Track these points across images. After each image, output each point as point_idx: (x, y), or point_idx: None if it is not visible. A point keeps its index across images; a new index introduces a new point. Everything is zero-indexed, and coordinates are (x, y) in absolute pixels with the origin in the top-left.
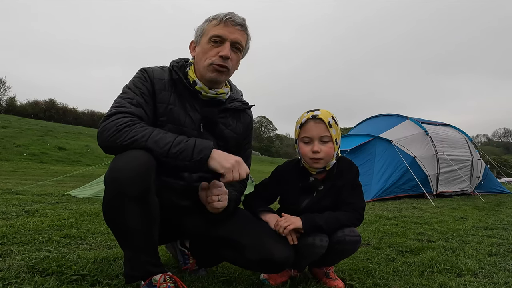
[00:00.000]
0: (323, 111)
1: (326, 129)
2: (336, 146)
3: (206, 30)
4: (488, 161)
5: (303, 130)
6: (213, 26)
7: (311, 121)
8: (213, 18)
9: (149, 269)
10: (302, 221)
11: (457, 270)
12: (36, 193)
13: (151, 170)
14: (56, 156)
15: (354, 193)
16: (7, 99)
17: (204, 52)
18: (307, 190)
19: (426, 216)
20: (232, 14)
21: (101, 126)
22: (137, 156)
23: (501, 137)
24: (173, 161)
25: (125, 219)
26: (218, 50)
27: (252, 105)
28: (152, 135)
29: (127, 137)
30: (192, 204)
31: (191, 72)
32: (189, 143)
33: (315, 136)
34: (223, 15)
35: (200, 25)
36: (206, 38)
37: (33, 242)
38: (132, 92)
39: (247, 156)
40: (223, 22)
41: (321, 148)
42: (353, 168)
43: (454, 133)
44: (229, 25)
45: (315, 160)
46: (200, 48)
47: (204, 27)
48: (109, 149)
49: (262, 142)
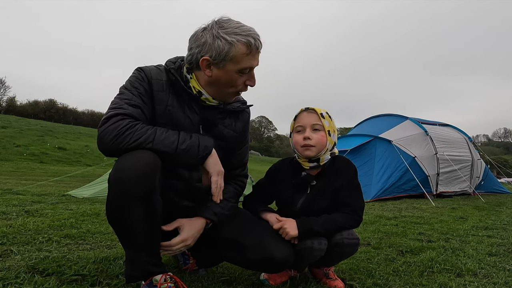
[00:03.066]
0: (317, 107)
1: (318, 118)
2: (329, 137)
3: (236, 58)
4: (488, 161)
5: (296, 121)
6: (244, 55)
7: (304, 112)
8: (240, 42)
9: (150, 269)
10: (298, 228)
11: (457, 270)
12: (36, 193)
13: (157, 170)
14: (56, 156)
15: (353, 194)
16: (7, 99)
17: (231, 80)
18: (300, 186)
19: (426, 216)
20: (258, 38)
21: (101, 130)
22: (142, 156)
23: (501, 137)
24: (181, 159)
25: (129, 219)
26: (245, 79)
27: (250, 105)
28: (157, 135)
29: (131, 140)
30: (193, 204)
31: (194, 82)
32: (194, 140)
33: (307, 124)
34: (254, 43)
35: (220, 44)
36: (235, 68)
37: (33, 242)
38: (129, 92)
39: (245, 151)
40: (253, 51)
41: (312, 136)
42: (351, 167)
43: (454, 133)
44: (257, 53)
45: (306, 147)
46: (224, 74)
47: (230, 52)
48: (112, 153)
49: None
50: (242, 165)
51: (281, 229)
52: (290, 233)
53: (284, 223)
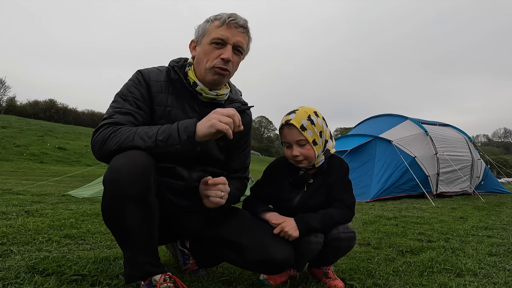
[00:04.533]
0: (299, 112)
1: (299, 133)
2: (316, 146)
3: (208, 31)
4: (488, 161)
5: (281, 136)
6: (216, 28)
7: (285, 127)
8: (215, 19)
9: (149, 269)
10: (297, 226)
11: (457, 270)
12: (36, 193)
13: (151, 169)
14: (56, 156)
15: (344, 190)
16: (7, 99)
17: (206, 53)
18: (297, 184)
19: (426, 216)
20: (235, 15)
21: (92, 141)
22: (136, 156)
23: (501, 137)
24: (164, 150)
25: (125, 219)
26: (220, 52)
27: (251, 106)
28: (137, 132)
29: (113, 143)
30: (192, 204)
31: (191, 73)
32: (173, 127)
33: (291, 141)
34: (226, 17)
35: (201, 24)
36: (208, 39)
37: (33, 242)
38: (123, 99)
39: (246, 154)
40: (226, 24)
41: (300, 151)
42: (344, 165)
43: (454, 133)
44: (232, 27)
45: (297, 162)
46: (201, 48)
47: (205, 27)
48: (103, 159)
49: (262, 142)
50: (243, 168)
51: (282, 232)
52: (293, 234)
53: (284, 226)
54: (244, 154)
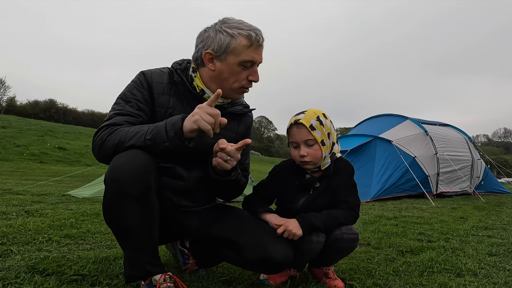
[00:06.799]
0: (308, 113)
1: (308, 133)
2: (324, 147)
3: (237, 50)
4: (488, 161)
5: (289, 135)
6: (245, 48)
7: (294, 127)
8: (239, 34)
9: (149, 269)
10: (300, 224)
11: (457, 270)
12: (36, 193)
13: (152, 169)
14: (56, 156)
15: (349, 192)
16: (7, 99)
17: (233, 74)
18: (304, 187)
19: (426, 216)
20: (259, 32)
21: (92, 144)
22: (137, 156)
23: (501, 137)
24: (155, 148)
25: (126, 218)
26: (248, 73)
27: (253, 108)
28: (128, 133)
29: (109, 145)
30: (192, 204)
31: (197, 80)
32: (160, 124)
33: (299, 141)
34: (254, 36)
35: (223, 37)
36: (237, 60)
37: (33, 242)
38: (124, 101)
39: (246, 155)
40: (255, 45)
41: (307, 152)
42: (349, 167)
43: (454, 133)
44: (258, 47)
45: (304, 163)
46: (227, 67)
47: (230, 44)
48: (103, 160)
49: (262, 142)
50: (243, 168)
51: (286, 232)
52: (297, 233)
53: (287, 225)
54: (243, 153)
